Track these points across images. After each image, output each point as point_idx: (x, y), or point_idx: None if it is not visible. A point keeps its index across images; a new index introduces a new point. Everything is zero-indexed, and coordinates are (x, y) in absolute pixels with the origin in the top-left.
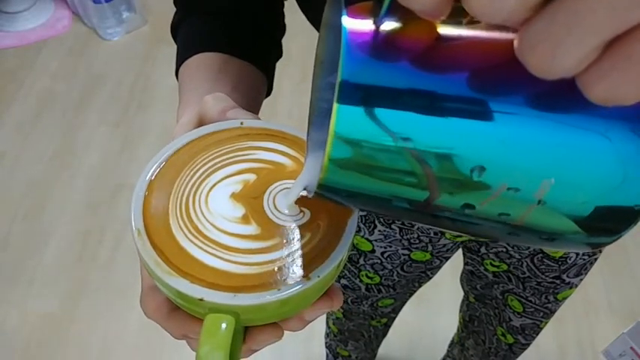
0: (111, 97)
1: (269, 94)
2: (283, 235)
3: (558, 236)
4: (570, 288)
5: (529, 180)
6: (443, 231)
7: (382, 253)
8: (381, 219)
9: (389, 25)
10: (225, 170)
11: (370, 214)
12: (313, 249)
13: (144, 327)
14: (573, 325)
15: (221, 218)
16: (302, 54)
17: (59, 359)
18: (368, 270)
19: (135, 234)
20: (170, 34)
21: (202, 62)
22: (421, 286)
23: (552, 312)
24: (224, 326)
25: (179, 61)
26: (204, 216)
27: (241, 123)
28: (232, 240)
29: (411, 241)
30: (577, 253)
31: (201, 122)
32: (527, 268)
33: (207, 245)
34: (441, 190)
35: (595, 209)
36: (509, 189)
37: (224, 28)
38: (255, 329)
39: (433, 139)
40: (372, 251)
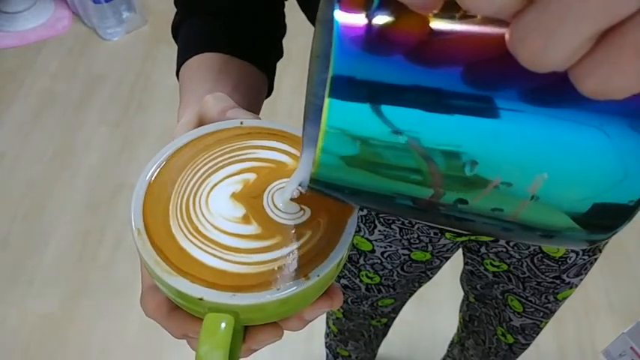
0: (111, 97)
1: (270, 94)
2: (283, 234)
3: (555, 233)
4: (570, 288)
5: (521, 175)
6: (443, 231)
7: (382, 253)
8: (381, 219)
9: (381, 19)
10: (225, 170)
11: (370, 214)
12: (313, 248)
13: (144, 327)
14: (573, 325)
15: (221, 218)
16: (302, 54)
17: (59, 359)
18: (368, 270)
19: (135, 233)
20: (170, 34)
21: (203, 62)
22: (421, 286)
23: (552, 312)
24: (223, 325)
25: (180, 62)
26: (204, 216)
27: (241, 123)
28: (232, 240)
29: (411, 241)
30: (577, 253)
31: (201, 122)
32: (527, 268)
33: (206, 245)
34: (438, 186)
35: (592, 206)
36: (501, 184)
37: (224, 29)
38: (255, 328)
39: (427, 134)
40: (372, 251)
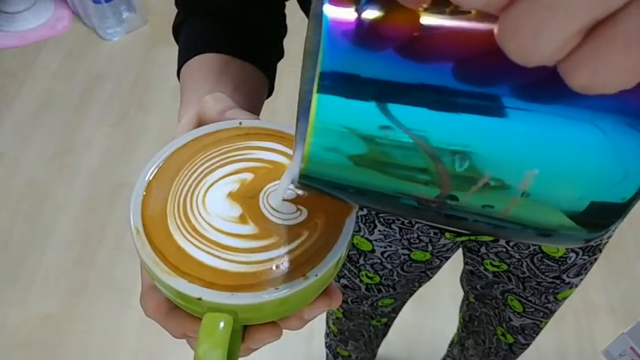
0: (111, 97)
1: (270, 95)
2: (280, 234)
3: (552, 231)
4: (570, 288)
5: (512, 171)
6: (443, 230)
7: (382, 253)
8: (381, 219)
9: (370, 14)
10: (222, 170)
11: (370, 214)
12: (311, 248)
13: (144, 327)
14: (573, 325)
15: (218, 218)
16: (302, 54)
17: (59, 359)
18: (368, 270)
19: (134, 233)
20: (170, 34)
21: (204, 63)
22: (421, 286)
23: (552, 312)
24: (222, 325)
25: (180, 62)
26: (201, 215)
27: (240, 123)
28: (230, 239)
29: (411, 241)
30: (577, 253)
31: (200, 122)
32: (527, 268)
33: (205, 245)
34: (429, 183)
35: (590, 204)
36: (491, 180)
37: (225, 29)
38: (254, 328)
39: (420, 129)
40: (372, 251)
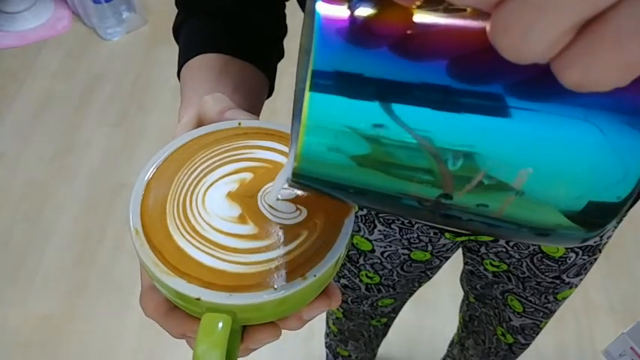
0: (111, 97)
1: (270, 95)
2: (279, 234)
3: (547, 230)
4: (570, 288)
5: (505, 169)
6: (443, 230)
7: (382, 253)
8: (381, 218)
9: (363, 11)
10: (222, 169)
11: (370, 214)
12: (310, 248)
13: (144, 327)
14: (573, 325)
15: (217, 218)
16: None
17: (59, 359)
18: (368, 270)
19: (133, 233)
20: (170, 34)
21: (204, 63)
22: (421, 286)
23: (552, 312)
24: (221, 325)
25: (181, 62)
26: (200, 215)
27: (239, 123)
28: (229, 239)
29: (411, 241)
30: (576, 253)
31: (200, 123)
32: (526, 268)
33: (204, 245)
34: (410, 178)
35: (580, 202)
36: (485, 178)
37: (225, 29)
38: (253, 328)
39: (414, 127)
40: (372, 251)
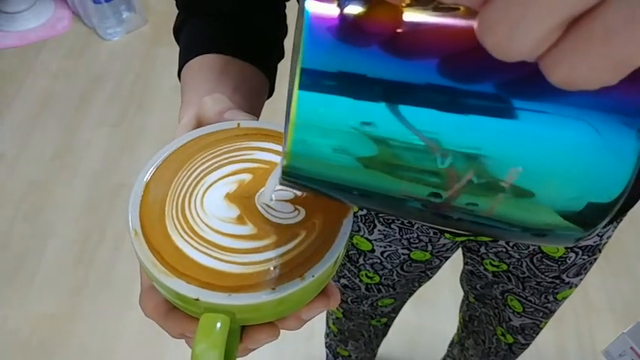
0: (111, 97)
1: (271, 95)
2: (278, 234)
3: (540, 229)
4: (570, 288)
5: (495, 168)
6: (442, 230)
7: (382, 253)
8: (381, 218)
9: (353, 9)
10: (221, 171)
11: (370, 214)
12: (308, 248)
13: (144, 327)
14: (573, 325)
15: (216, 218)
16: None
17: (59, 359)
18: (368, 270)
19: (132, 234)
20: (171, 34)
21: (204, 63)
22: (421, 286)
23: (552, 312)
24: (219, 325)
25: (181, 63)
26: (199, 216)
27: (238, 124)
28: (227, 240)
29: (411, 241)
30: (576, 253)
31: (199, 123)
32: (526, 268)
33: (202, 245)
34: (400, 176)
35: (577, 202)
36: (474, 177)
37: (225, 30)
38: (251, 328)
39: (398, 126)
40: (372, 251)
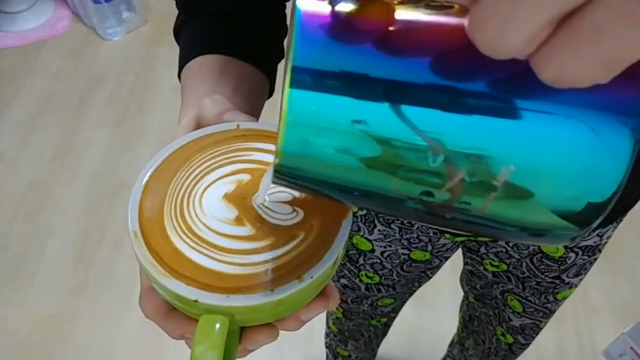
0: (111, 97)
1: (271, 96)
2: (276, 235)
3: (533, 228)
4: (570, 288)
5: (487, 166)
6: (442, 230)
7: (382, 253)
8: (381, 218)
9: (344, 7)
10: (219, 171)
11: (370, 214)
12: (307, 249)
13: (144, 327)
14: (573, 325)
15: (214, 219)
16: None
17: (59, 359)
18: (368, 270)
19: (131, 235)
20: (171, 34)
21: (204, 64)
22: (421, 286)
23: (552, 312)
24: (218, 326)
25: (181, 63)
26: (197, 217)
27: (237, 125)
28: (226, 241)
29: (411, 241)
30: (576, 253)
31: (199, 124)
32: (526, 268)
33: (201, 246)
34: (392, 173)
35: (572, 201)
36: (466, 176)
37: (225, 30)
38: (250, 329)
39: (393, 124)
40: (372, 251)
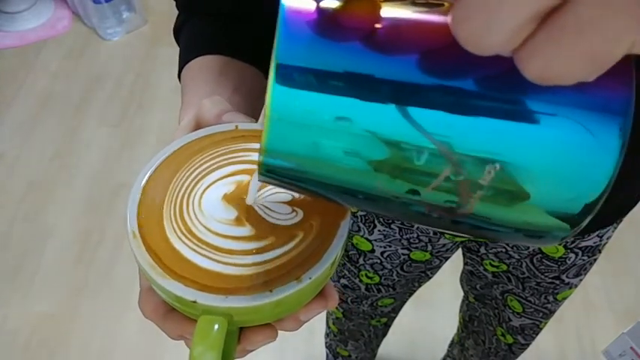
0: (111, 97)
1: None
2: (275, 235)
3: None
4: (570, 288)
5: (472, 165)
6: (442, 231)
7: (382, 253)
8: (381, 219)
9: (329, 3)
10: (218, 172)
11: (370, 214)
12: (305, 250)
13: (144, 327)
14: (573, 325)
15: (213, 220)
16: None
17: (59, 359)
18: (368, 270)
19: (130, 236)
20: (171, 34)
21: (204, 65)
22: (421, 286)
23: (552, 312)
24: (217, 327)
25: (181, 64)
26: (197, 218)
27: (236, 126)
28: (225, 241)
29: (411, 241)
30: (576, 254)
31: (198, 125)
32: (526, 269)
33: (200, 247)
34: (379, 171)
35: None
36: (452, 174)
37: (225, 31)
38: (249, 330)
39: (377, 122)
40: (372, 251)
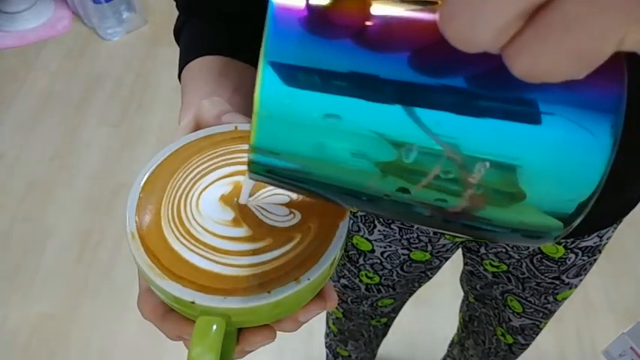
0: (111, 97)
1: None
2: (273, 237)
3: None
4: (570, 289)
5: (462, 163)
6: (442, 231)
7: (382, 253)
8: (381, 219)
9: (318, 1)
10: (217, 172)
11: (370, 214)
12: (304, 251)
13: (143, 327)
14: (573, 325)
15: (211, 220)
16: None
17: (59, 359)
18: (368, 270)
19: (129, 237)
20: (171, 34)
21: (204, 65)
22: (421, 286)
23: (552, 312)
24: (215, 328)
25: (181, 64)
26: (194, 218)
27: (235, 127)
28: (223, 242)
29: (411, 241)
30: (576, 254)
31: (197, 126)
32: (526, 269)
33: (198, 248)
34: (368, 168)
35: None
36: (441, 172)
37: (225, 31)
38: (248, 331)
39: (366, 119)
40: (372, 251)
